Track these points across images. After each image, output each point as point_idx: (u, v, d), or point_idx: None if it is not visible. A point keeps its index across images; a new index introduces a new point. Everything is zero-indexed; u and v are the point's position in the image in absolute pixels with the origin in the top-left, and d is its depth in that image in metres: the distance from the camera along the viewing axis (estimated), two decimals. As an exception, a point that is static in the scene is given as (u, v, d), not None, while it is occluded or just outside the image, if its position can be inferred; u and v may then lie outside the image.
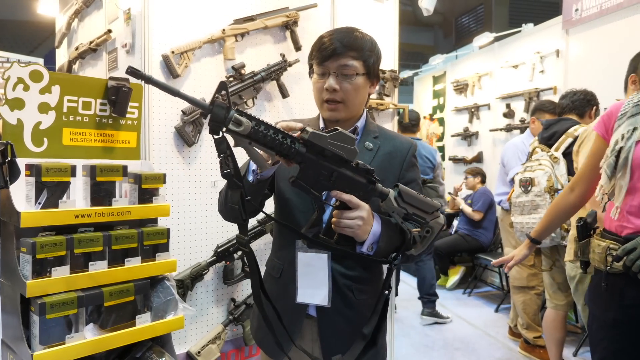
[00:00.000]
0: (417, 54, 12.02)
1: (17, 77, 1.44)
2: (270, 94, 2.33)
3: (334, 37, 1.21)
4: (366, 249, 1.14)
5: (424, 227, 1.14)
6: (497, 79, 5.01)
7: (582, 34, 3.80)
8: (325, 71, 1.22)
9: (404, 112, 3.11)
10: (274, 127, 1.00)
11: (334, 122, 1.26)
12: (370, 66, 1.25)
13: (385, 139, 1.32)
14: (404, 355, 3.20)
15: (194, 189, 2.12)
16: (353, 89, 1.22)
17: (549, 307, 2.81)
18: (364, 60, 1.23)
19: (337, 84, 1.21)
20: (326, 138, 1.03)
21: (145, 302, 1.57)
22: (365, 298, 1.28)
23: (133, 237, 1.53)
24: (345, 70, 1.21)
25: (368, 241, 1.13)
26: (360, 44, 1.23)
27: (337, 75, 1.21)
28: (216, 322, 2.20)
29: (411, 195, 1.13)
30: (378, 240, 1.14)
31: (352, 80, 1.22)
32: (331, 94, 1.21)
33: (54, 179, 1.39)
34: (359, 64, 1.22)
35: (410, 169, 1.31)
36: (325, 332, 1.27)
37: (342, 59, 1.20)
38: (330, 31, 1.26)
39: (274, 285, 1.31)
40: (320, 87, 1.23)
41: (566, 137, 2.64)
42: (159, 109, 2.01)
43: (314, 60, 1.24)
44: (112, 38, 2.23)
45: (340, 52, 1.20)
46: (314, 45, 1.26)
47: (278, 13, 2.28)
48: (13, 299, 1.40)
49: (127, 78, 1.64)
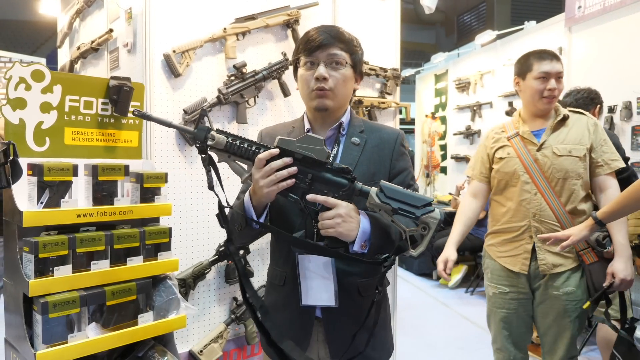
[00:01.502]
0: (419, 52, 12.01)
1: (19, 77, 1.44)
2: (271, 92, 2.33)
3: (321, 30, 1.24)
4: (359, 248, 1.12)
5: (419, 225, 1.11)
6: (499, 77, 5.00)
7: (584, 32, 3.78)
8: (314, 61, 1.23)
9: (406, 111, 3.11)
10: (248, 140, 1.14)
11: (322, 111, 1.26)
12: (357, 60, 1.27)
13: (371, 132, 1.31)
14: (406, 354, 3.20)
15: (195, 188, 2.12)
16: (342, 78, 1.24)
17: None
18: (351, 53, 1.25)
19: (327, 73, 1.21)
20: (294, 142, 1.11)
21: (148, 302, 1.57)
22: (370, 294, 1.26)
23: (135, 236, 1.53)
24: (335, 58, 1.22)
25: (358, 239, 1.12)
26: (347, 37, 1.25)
27: (326, 65, 1.22)
28: (218, 321, 2.20)
29: (394, 190, 1.11)
30: (370, 237, 1.13)
31: (341, 70, 1.23)
32: (321, 82, 1.22)
33: (56, 179, 1.39)
34: (346, 55, 1.24)
35: (400, 158, 1.29)
36: (333, 334, 1.25)
37: (331, 48, 1.22)
38: (316, 27, 1.27)
39: (280, 293, 1.30)
40: (308, 77, 1.24)
41: None
42: (160, 108, 2.01)
43: (302, 53, 1.25)
44: (113, 37, 2.23)
45: (329, 43, 1.22)
46: (300, 42, 1.28)
47: (279, 12, 2.28)
48: (16, 298, 1.40)
49: (128, 77, 1.64)
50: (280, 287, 1.29)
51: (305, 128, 1.31)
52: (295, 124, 1.35)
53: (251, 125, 2.25)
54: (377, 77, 2.72)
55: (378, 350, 1.28)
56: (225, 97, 2.11)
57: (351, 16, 2.57)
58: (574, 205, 1.88)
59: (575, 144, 1.89)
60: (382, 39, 2.73)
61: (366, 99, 2.64)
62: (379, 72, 2.68)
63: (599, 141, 1.91)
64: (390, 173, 1.27)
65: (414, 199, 1.10)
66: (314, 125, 1.31)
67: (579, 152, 1.88)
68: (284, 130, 1.36)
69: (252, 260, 2.27)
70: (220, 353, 2.13)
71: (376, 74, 2.68)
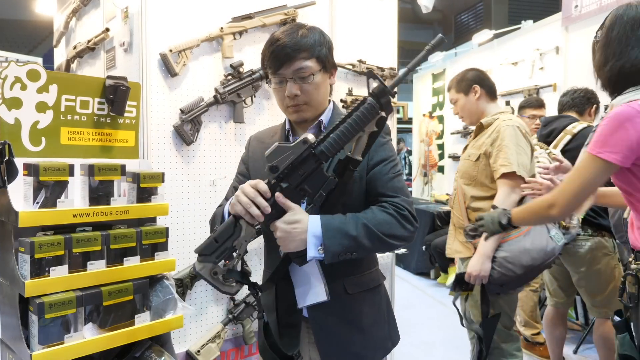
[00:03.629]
0: (417, 51, 11.93)
1: (14, 77, 1.43)
2: (268, 92, 2.32)
3: (281, 43, 1.18)
4: (316, 253, 1.10)
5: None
6: (497, 76, 4.99)
7: (581, 31, 3.78)
8: (281, 79, 1.21)
9: (404, 110, 3.11)
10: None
11: (301, 122, 1.27)
12: (324, 59, 1.23)
13: None
14: (404, 353, 3.20)
15: (192, 188, 2.12)
16: (313, 88, 1.21)
17: (550, 305, 2.81)
18: (317, 56, 1.20)
19: (297, 89, 1.19)
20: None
21: (145, 302, 1.56)
22: (359, 292, 1.25)
23: (132, 236, 1.53)
24: (301, 73, 1.19)
25: (311, 246, 1.09)
26: (308, 42, 1.19)
27: (294, 80, 1.20)
28: (216, 321, 2.19)
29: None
30: (322, 241, 1.10)
31: (310, 81, 1.20)
32: (293, 99, 1.21)
33: (52, 179, 1.39)
34: (312, 63, 1.19)
35: (378, 148, 1.22)
36: (320, 334, 1.23)
37: (295, 62, 1.18)
38: (276, 36, 1.22)
39: (269, 295, 1.29)
40: (281, 96, 1.23)
41: (564, 135, 2.63)
42: (157, 107, 2.01)
43: (269, 70, 1.23)
44: (109, 37, 2.22)
45: (292, 56, 1.17)
46: (263, 52, 1.24)
47: (276, 11, 2.27)
48: (12, 299, 1.40)
49: (124, 77, 1.63)
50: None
51: (286, 130, 1.31)
52: (278, 129, 1.36)
53: (248, 125, 2.25)
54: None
55: (371, 349, 1.27)
56: (222, 97, 2.11)
57: (348, 15, 2.57)
58: (468, 203, 2.13)
59: (475, 149, 2.11)
60: (380, 38, 2.73)
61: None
62: (376, 71, 2.67)
63: (497, 147, 2.01)
64: (368, 165, 1.22)
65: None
66: (294, 127, 1.32)
67: (474, 157, 2.10)
68: (269, 133, 1.38)
69: (250, 260, 2.26)
70: (218, 353, 2.12)
71: (373, 73, 2.68)
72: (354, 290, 1.24)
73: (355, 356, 1.23)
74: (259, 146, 1.35)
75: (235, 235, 1.11)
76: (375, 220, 1.13)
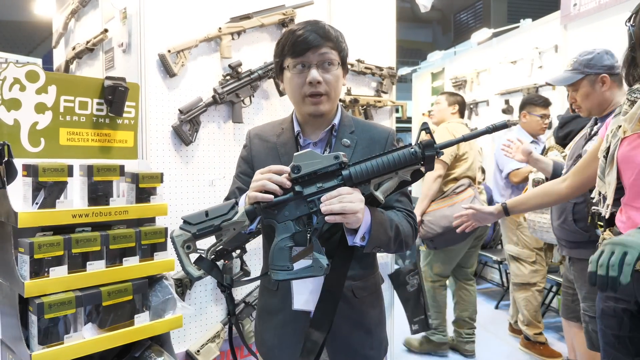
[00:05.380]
0: (416, 50, 12.00)
1: (13, 78, 1.44)
2: (267, 92, 2.33)
3: (308, 29, 1.16)
4: (359, 240, 1.09)
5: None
6: (496, 75, 5.00)
7: (580, 29, 3.78)
8: (305, 63, 1.16)
9: (403, 109, 3.11)
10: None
11: (317, 117, 1.22)
12: (344, 56, 1.23)
13: (362, 132, 1.27)
14: (404, 352, 3.20)
15: (191, 188, 2.12)
16: (335, 79, 1.19)
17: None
18: (340, 50, 1.20)
19: (320, 76, 1.16)
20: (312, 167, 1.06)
21: (144, 302, 1.57)
22: (365, 295, 1.26)
23: (131, 236, 1.53)
24: (327, 59, 1.16)
25: (360, 231, 1.08)
26: (333, 35, 1.19)
27: (317, 67, 1.16)
28: (215, 321, 2.20)
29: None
30: (370, 230, 1.09)
31: (333, 71, 1.18)
32: (315, 87, 1.16)
33: (51, 179, 1.39)
34: (335, 56, 1.18)
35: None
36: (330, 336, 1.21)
37: (322, 48, 1.16)
38: (299, 24, 1.19)
39: (272, 298, 1.28)
40: (300, 82, 1.17)
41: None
42: (155, 108, 2.01)
43: (289, 55, 1.17)
44: (108, 37, 2.22)
45: (319, 43, 1.15)
46: (284, 41, 1.19)
47: (274, 11, 2.28)
48: (11, 299, 1.41)
49: (123, 77, 1.64)
50: (274, 291, 1.27)
51: (295, 131, 1.26)
52: (285, 124, 1.30)
53: (247, 125, 2.25)
54: (372, 76, 2.72)
55: (376, 349, 1.28)
56: (221, 97, 2.11)
57: (347, 14, 2.57)
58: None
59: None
60: (378, 37, 2.73)
61: (362, 97, 2.64)
62: (375, 70, 2.68)
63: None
64: None
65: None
66: (305, 128, 1.27)
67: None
68: (272, 130, 1.30)
69: (249, 260, 2.27)
70: (217, 353, 2.13)
71: (372, 73, 2.68)
72: (361, 294, 1.25)
73: (364, 357, 1.24)
74: (262, 145, 1.29)
75: (227, 216, 1.07)
76: (402, 227, 1.17)
